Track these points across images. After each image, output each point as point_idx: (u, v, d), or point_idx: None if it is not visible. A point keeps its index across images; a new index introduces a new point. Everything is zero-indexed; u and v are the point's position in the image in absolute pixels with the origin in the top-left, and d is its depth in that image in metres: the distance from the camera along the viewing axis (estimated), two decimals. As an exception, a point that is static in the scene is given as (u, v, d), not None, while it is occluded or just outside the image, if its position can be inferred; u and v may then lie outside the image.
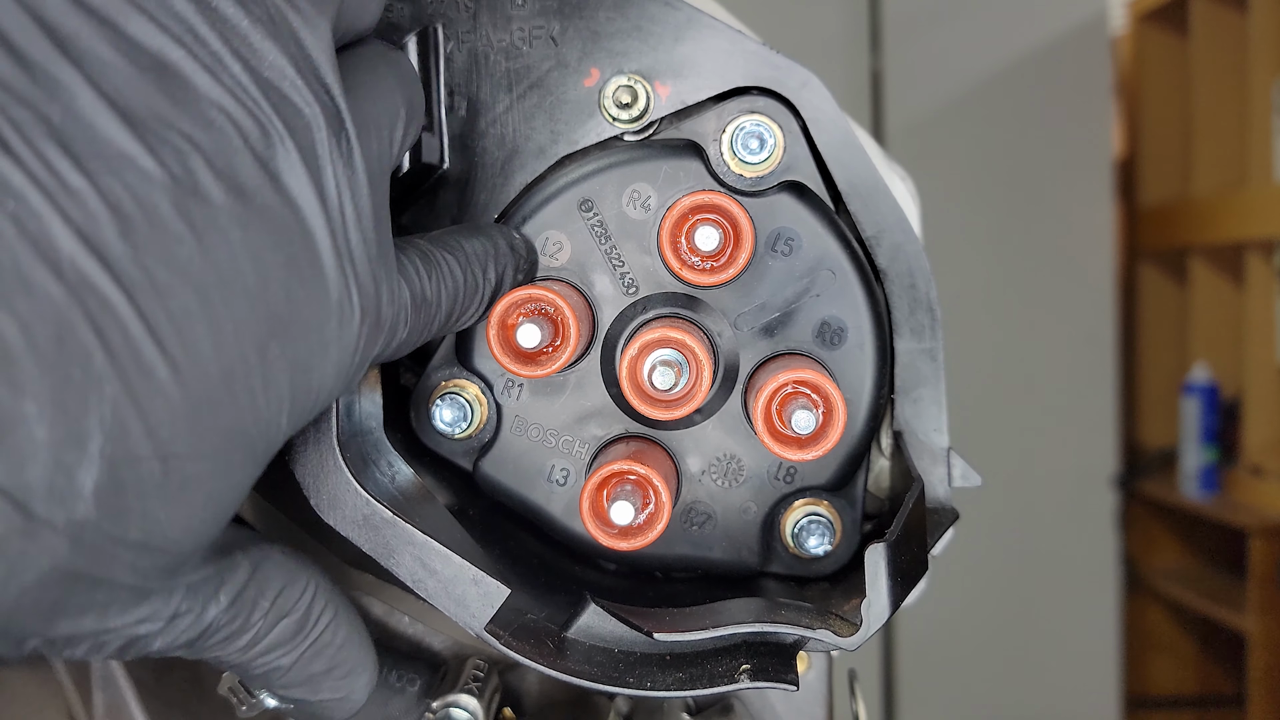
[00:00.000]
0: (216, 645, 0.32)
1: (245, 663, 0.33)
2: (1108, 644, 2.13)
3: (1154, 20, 2.55)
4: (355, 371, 0.32)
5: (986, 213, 2.06)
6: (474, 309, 0.37)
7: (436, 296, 0.35)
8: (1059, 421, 2.10)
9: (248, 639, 0.33)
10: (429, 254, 0.35)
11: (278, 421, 0.29)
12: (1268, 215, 2.16)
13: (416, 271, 0.34)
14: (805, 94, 0.41)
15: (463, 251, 0.37)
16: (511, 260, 0.39)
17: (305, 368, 0.29)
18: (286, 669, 0.34)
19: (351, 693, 0.36)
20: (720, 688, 0.36)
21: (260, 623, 0.33)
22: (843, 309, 0.42)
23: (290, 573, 0.34)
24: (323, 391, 0.30)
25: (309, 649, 0.34)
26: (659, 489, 0.39)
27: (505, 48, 0.41)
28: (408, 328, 0.34)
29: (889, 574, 0.37)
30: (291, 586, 0.34)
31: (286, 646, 0.34)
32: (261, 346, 0.28)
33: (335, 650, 0.35)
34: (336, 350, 0.30)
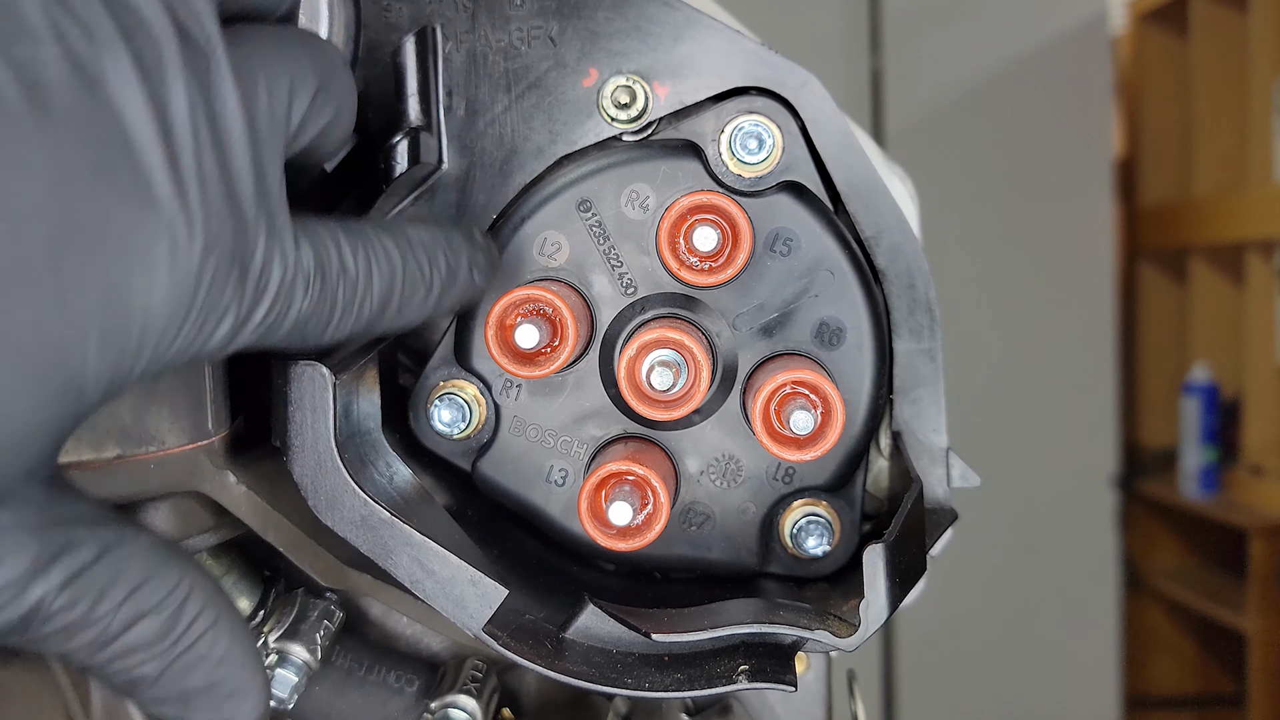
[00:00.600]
0: (55, 636, 0.28)
1: (99, 665, 0.29)
2: (1108, 644, 2.13)
3: (1154, 20, 2.55)
4: (205, 314, 0.29)
5: (986, 213, 2.06)
6: (421, 299, 0.35)
7: (364, 274, 0.33)
8: (1059, 421, 2.10)
9: (94, 634, 0.29)
10: (359, 231, 0.33)
11: (80, 345, 0.26)
12: (1268, 215, 2.16)
13: (336, 243, 0.32)
14: (804, 94, 0.41)
15: (404, 235, 0.35)
16: (467, 252, 0.37)
17: (121, 288, 0.26)
18: (152, 679, 0.30)
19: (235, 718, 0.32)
20: (719, 688, 0.36)
21: (109, 617, 0.29)
22: (841, 309, 0.42)
23: (155, 566, 0.30)
24: (151, 325, 0.27)
25: (181, 658, 0.30)
26: (657, 489, 0.39)
27: (504, 48, 0.41)
28: (311, 299, 0.31)
29: (887, 574, 0.37)
30: (156, 581, 0.30)
31: (148, 651, 0.30)
32: (53, 253, 0.25)
33: (214, 665, 0.31)
34: (167, 276, 0.27)
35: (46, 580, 0.28)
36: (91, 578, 0.28)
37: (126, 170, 0.27)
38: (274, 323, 0.31)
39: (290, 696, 0.42)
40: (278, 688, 0.42)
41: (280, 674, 0.42)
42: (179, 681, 0.31)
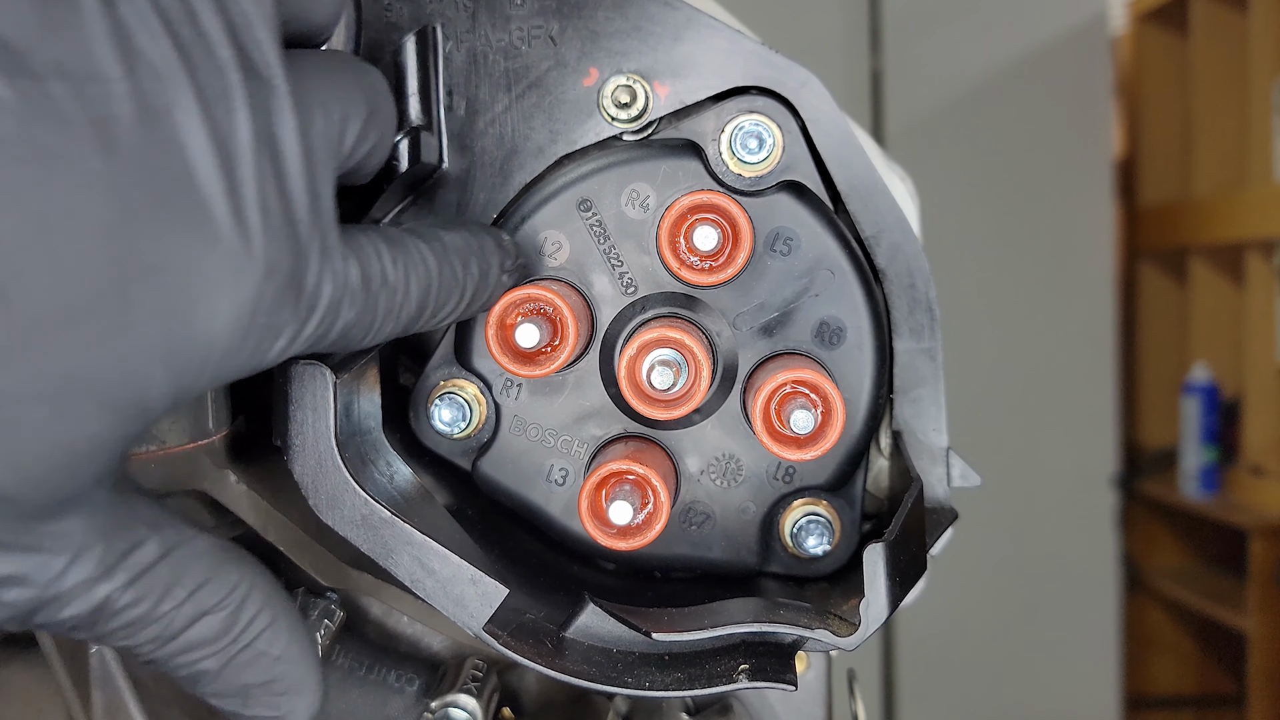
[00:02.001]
0: (121, 632, 0.30)
1: (163, 659, 0.31)
2: (1108, 644, 2.13)
3: (1154, 20, 2.55)
4: (262, 335, 0.30)
5: (986, 213, 2.06)
6: (454, 303, 0.36)
7: (404, 282, 0.34)
8: (1059, 421, 2.10)
9: (157, 630, 0.30)
10: (399, 240, 0.34)
11: (147, 371, 0.27)
12: (1268, 215, 2.16)
13: (378, 253, 0.33)
14: (804, 94, 0.41)
15: (439, 242, 0.36)
16: (497, 256, 0.38)
17: (185, 316, 0.28)
18: (214, 674, 0.32)
19: (290, 714, 0.34)
20: (719, 688, 0.36)
21: (172, 614, 0.30)
22: (842, 309, 0.42)
23: (216, 566, 0.32)
24: (214, 348, 0.28)
25: (240, 655, 0.32)
26: (658, 489, 0.39)
27: (504, 47, 0.41)
28: (356, 309, 0.32)
29: (888, 574, 0.37)
30: (217, 581, 0.31)
31: (209, 648, 0.31)
32: (119, 285, 0.26)
33: (272, 662, 0.33)
34: (229, 303, 0.28)
35: (112, 580, 0.29)
36: (155, 577, 0.30)
37: (190, 202, 0.27)
38: (322, 334, 0.32)
39: (291, 696, 0.42)
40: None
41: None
42: (238, 676, 0.32)
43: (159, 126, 0.27)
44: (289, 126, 0.30)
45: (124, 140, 0.27)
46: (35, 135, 0.25)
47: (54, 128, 0.26)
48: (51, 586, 0.28)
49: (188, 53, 0.28)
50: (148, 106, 0.27)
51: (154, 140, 0.27)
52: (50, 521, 0.28)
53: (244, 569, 0.33)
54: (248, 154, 0.29)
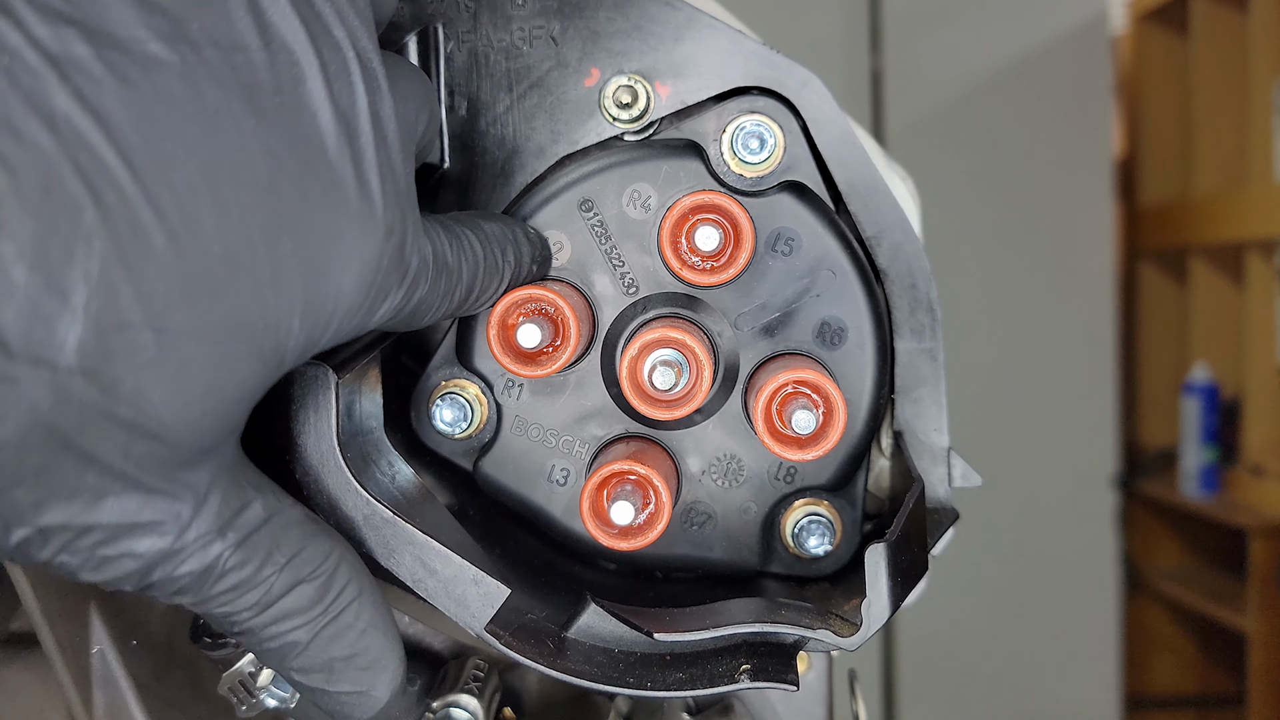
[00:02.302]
0: (224, 596, 0.31)
1: (257, 627, 0.32)
2: (1108, 644, 2.13)
3: (1154, 20, 2.55)
4: (376, 296, 0.31)
5: (986, 213, 2.06)
6: (493, 289, 0.38)
7: (458, 266, 0.35)
8: (1059, 421, 2.10)
9: (258, 595, 0.31)
10: (451, 226, 0.36)
11: (289, 323, 0.29)
12: (1268, 215, 2.16)
13: (439, 236, 0.35)
14: (805, 94, 0.41)
15: (483, 231, 0.37)
16: (528, 249, 0.40)
17: (321, 271, 0.29)
18: (303, 645, 0.33)
19: (372, 688, 0.34)
20: (720, 688, 0.36)
21: (273, 578, 0.31)
22: (843, 309, 0.42)
23: (310, 536, 0.33)
24: (341, 304, 0.30)
25: (329, 626, 0.33)
26: (659, 489, 0.39)
27: (505, 48, 0.41)
28: (428, 285, 0.34)
29: (889, 574, 0.37)
30: (311, 550, 0.32)
31: (303, 617, 0.32)
32: (271, 238, 0.28)
33: (357, 635, 0.34)
34: (357, 262, 0.30)
35: (224, 539, 0.30)
36: (259, 539, 0.31)
37: (324, 165, 0.29)
38: (404, 305, 0.33)
39: (292, 696, 0.42)
40: (280, 687, 0.42)
41: (282, 673, 0.42)
42: (325, 649, 0.33)
43: (294, 95, 0.29)
44: (388, 107, 0.32)
45: (268, 106, 0.28)
46: (200, 95, 0.27)
47: (215, 89, 0.27)
48: (178, 539, 0.29)
49: (312, 30, 0.30)
50: (283, 76, 0.29)
51: (290, 107, 0.29)
52: (188, 470, 0.29)
53: (334, 541, 0.34)
54: (366, 126, 0.31)
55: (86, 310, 0.25)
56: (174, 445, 0.28)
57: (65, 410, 0.25)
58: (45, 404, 0.25)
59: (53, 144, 0.25)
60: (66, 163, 0.25)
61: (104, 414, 0.26)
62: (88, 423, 0.26)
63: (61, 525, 0.27)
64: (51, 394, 0.25)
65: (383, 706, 0.35)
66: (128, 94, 0.26)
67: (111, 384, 0.26)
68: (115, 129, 0.25)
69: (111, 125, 0.25)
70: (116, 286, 0.25)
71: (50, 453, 0.26)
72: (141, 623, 0.45)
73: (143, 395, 0.26)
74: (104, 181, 0.25)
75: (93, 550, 0.28)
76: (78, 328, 0.25)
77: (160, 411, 0.27)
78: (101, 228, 0.25)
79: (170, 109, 0.26)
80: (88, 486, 0.27)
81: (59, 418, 0.25)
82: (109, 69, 0.26)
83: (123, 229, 0.25)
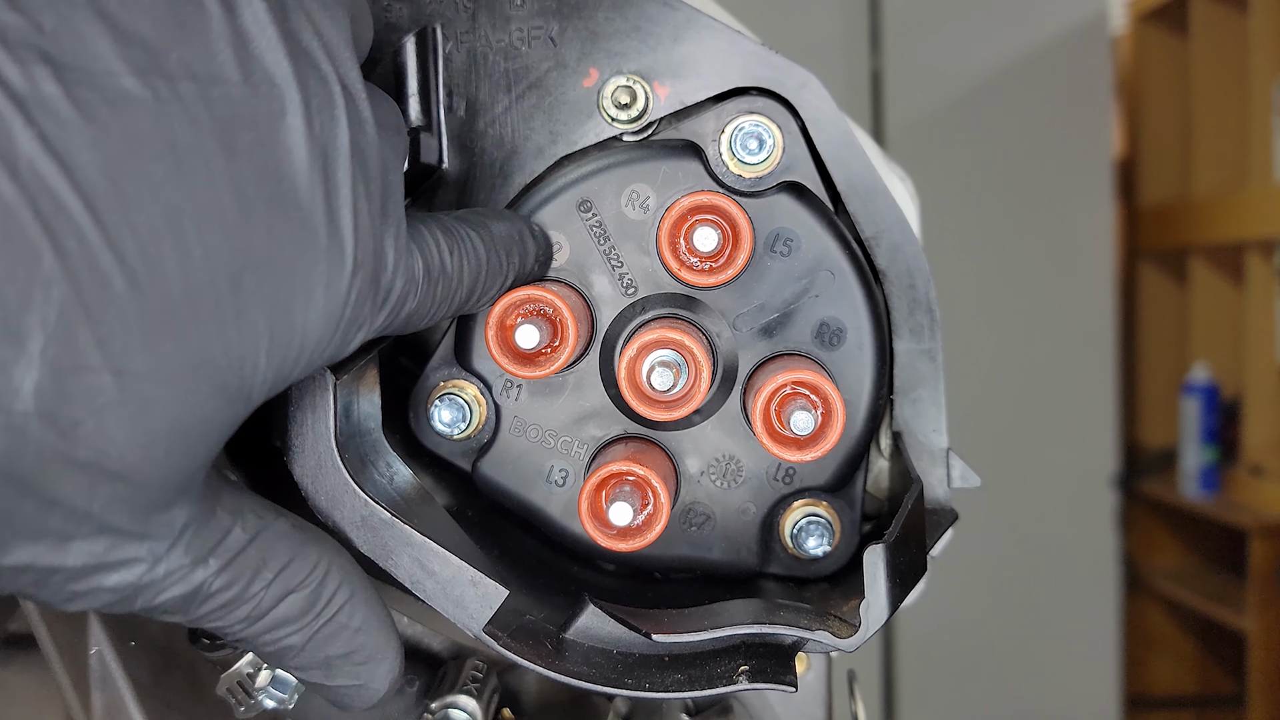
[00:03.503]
0: (214, 614, 0.31)
1: (251, 637, 0.33)
2: (1108, 644, 2.13)
3: (1154, 20, 2.55)
4: (348, 328, 0.31)
5: (986, 213, 2.06)
6: (496, 289, 0.38)
7: (458, 270, 0.35)
8: (1059, 421, 2.10)
9: (248, 610, 0.32)
10: (453, 229, 0.36)
11: (254, 360, 0.29)
12: (1268, 215, 2.16)
13: (436, 244, 0.35)
14: (804, 94, 0.41)
15: (488, 230, 0.37)
16: (533, 247, 0.40)
17: (286, 308, 0.29)
18: (299, 648, 0.33)
19: (371, 681, 0.35)
20: (719, 689, 0.36)
21: (261, 594, 0.32)
22: (842, 310, 0.42)
23: (298, 546, 0.33)
24: (308, 339, 0.30)
25: (323, 629, 0.33)
26: (658, 490, 0.39)
27: (504, 48, 0.41)
28: (418, 298, 0.34)
29: (888, 575, 0.37)
30: (299, 560, 0.33)
31: (295, 624, 0.33)
32: (235, 277, 0.28)
33: (352, 634, 0.34)
34: (324, 298, 0.30)
35: (207, 567, 0.30)
36: (245, 560, 0.31)
37: (294, 203, 0.29)
38: (389, 323, 0.33)
39: (290, 697, 0.42)
40: (278, 688, 0.42)
41: (281, 675, 0.42)
42: (322, 649, 0.34)
43: (270, 130, 0.29)
44: (372, 137, 0.32)
45: (241, 143, 0.28)
46: (170, 133, 0.27)
47: (186, 127, 0.27)
48: (151, 573, 0.29)
49: (298, 63, 0.30)
50: (260, 111, 0.29)
51: (265, 143, 0.29)
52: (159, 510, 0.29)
53: (322, 547, 0.34)
54: (345, 161, 0.30)
55: (43, 355, 0.25)
56: (141, 485, 0.28)
57: (22, 454, 0.25)
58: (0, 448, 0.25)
59: (13, 190, 0.24)
60: (26, 209, 0.25)
61: (63, 457, 0.26)
62: (47, 466, 0.26)
63: (27, 565, 0.27)
64: (6, 438, 0.25)
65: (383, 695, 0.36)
66: (94, 134, 0.26)
67: (69, 427, 0.26)
68: (78, 171, 0.25)
69: (75, 168, 0.25)
70: (75, 331, 0.25)
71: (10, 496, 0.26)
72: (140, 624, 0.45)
73: (104, 437, 0.26)
74: (64, 226, 0.25)
75: (63, 586, 0.28)
76: (34, 373, 0.25)
77: (123, 453, 0.27)
78: (60, 273, 0.25)
79: (137, 149, 0.26)
80: (52, 530, 0.27)
81: (15, 463, 0.25)
82: (77, 108, 0.25)
83: (82, 274, 0.25)
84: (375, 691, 0.36)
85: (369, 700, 0.36)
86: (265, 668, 0.42)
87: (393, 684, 0.36)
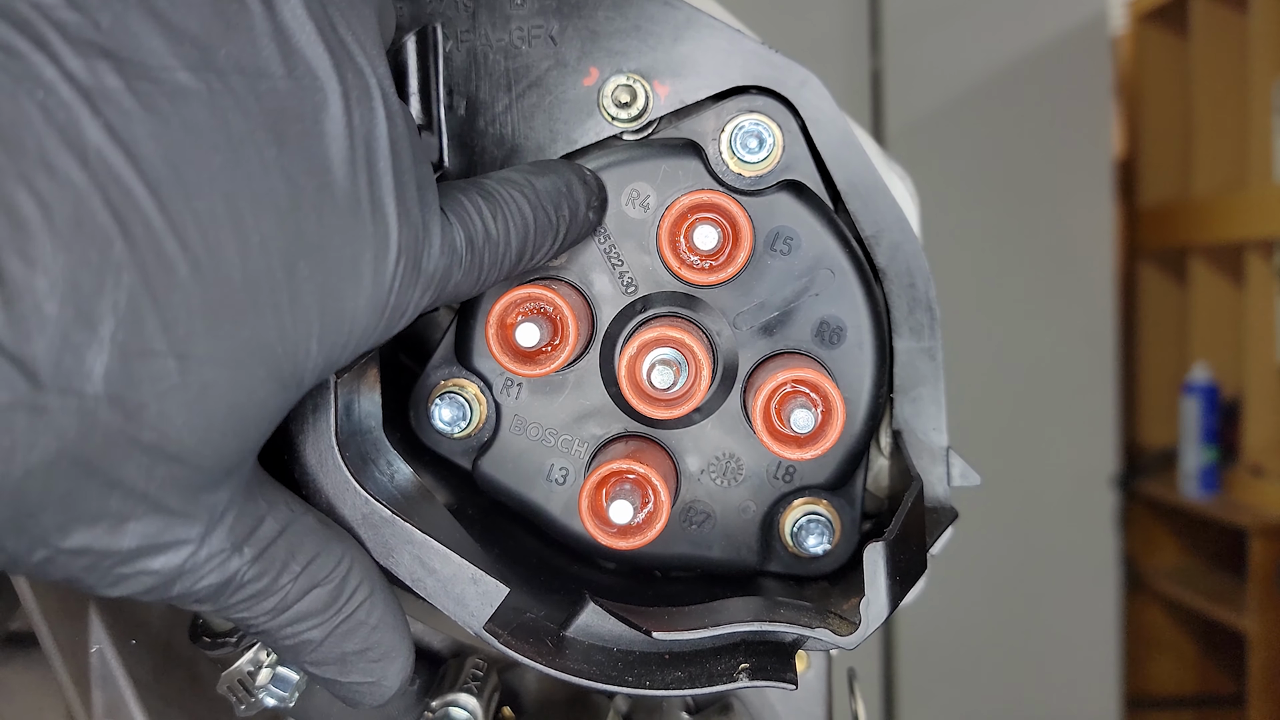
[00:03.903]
0: (242, 603, 0.32)
1: (273, 629, 0.33)
2: (1108, 644, 2.13)
3: (1154, 20, 2.55)
4: (393, 313, 0.32)
5: (986, 213, 2.06)
6: (548, 246, 0.38)
7: (503, 234, 0.36)
8: (1059, 421, 2.10)
9: (275, 602, 0.32)
10: (494, 193, 0.36)
11: (306, 345, 0.30)
12: (1268, 215, 2.16)
13: (478, 210, 0.35)
14: (804, 93, 0.41)
15: (532, 189, 0.37)
16: (584, 195, 0.40)
17: (336, 294, 0.30)
18: (317, 643, 0.34)
19: (383, 678, 0.36)
20: (719, 686, 0.36)
21: (289, 586, 0.32)
22: (842, 308, 0.42)
23: (323, 541, 0.34)
24: (356, 325, 0.31)
25: (342, 625, 0.34)
26: (658, 488, 0.39)
27: (504, 47, 0.41)
28: (463, 269, 0.34)
29: (888, 573, 0.37)
30: (325, 556, 0.33)
31: (318, 618, 0.33)
32: (289, 263, 0.29)
33: (369, 631, 0.35)
34: (371, 284, 0.31)
35: (241, 555, 0.31)
36: (275, 551, 0.32)
37: (340, 192, 0.30)
38: (435, 299, 0.34)
39: (291, 695, 0.42)
40: (279, 686, 0.42)
41: (281, 672, 0.42)
42: (339, 645, 0.34)
43: (315, 121, 0.30)
44: (403, 128, 0.32)
45: (290, 132, 0.29)
46: (225, 125, 0.28)
47: (239, 118, 0.28)
48: (194, 556, 0.30)
49: (336, 57, 0.30)
50: (305, 103, 0.29)
51: (312, 134, 0.30)
52: (209, 490, 0.30)
53: (345, 544, 0.34)
54: (385, 150, 0.31)
55: (113, 340, 0.26)
56: (196, 467, 0.28)
57: (91, 437, 0.26)
58: (72, 431, 0.26)
59: (84, 178, 0.25)
60: (97, 196, 0.25)
61: (129, 439, 0.27)
62: (113, 449, 0.26)
63: (84, 548, 0.28)
64: (78, 421, 0.26)
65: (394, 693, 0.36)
66: (156, 125, 0.26)
67: (136, 410, 0.26)
68: (144, 161, 0.26)
69: (140, 157, 0.26)
70: (142, 316, 0.26)
71: (76, 479, 0.26)
72: (141, 622, 0.45)
73: (166, 420, 0.27)
74: (132, 213, 0.26)
75: (111, 569, 0.29)
76: (104, 357, 0.26)
77: (183, 435, 0.28)
78: (129, 259, 0.26)
79: (196, 139, 0.27)
80: (111, 511, 0.28)
81: (85, 445, 0.26)
82: (139, 100, 0.26)
83: (149, 260, 0.26)
84: (387, 689, 0.36)
85: (380, 698, 0.36)
86: (266, 666, 0.42)
87: (404, 682, 0.36)
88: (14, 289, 0.24)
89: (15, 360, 0.24)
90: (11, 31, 0.25)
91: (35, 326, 0.24)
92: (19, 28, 0.25)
